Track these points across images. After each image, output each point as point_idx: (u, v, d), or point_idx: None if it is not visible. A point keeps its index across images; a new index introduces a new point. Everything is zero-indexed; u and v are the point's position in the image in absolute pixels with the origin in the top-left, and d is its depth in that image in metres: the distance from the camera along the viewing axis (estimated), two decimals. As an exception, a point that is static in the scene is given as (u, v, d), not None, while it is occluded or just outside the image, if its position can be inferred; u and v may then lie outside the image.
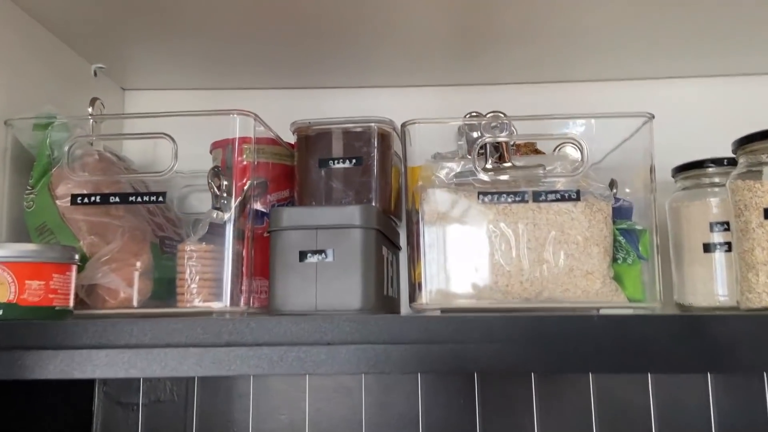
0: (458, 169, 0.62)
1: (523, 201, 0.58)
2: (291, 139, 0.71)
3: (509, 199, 0.58)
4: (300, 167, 0.68)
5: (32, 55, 0.69)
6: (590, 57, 0.82)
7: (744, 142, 0.59)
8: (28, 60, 0.68)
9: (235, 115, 0.58)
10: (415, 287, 0.60)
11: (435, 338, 0.45)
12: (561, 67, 0.85)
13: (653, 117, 0.60)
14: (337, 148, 0.67)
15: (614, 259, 0.60)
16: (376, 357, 0.44)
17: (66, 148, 0.57)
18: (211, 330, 0.46)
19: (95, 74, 0.80)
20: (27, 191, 0.62)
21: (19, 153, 0.64)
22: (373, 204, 0.67)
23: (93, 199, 0.57)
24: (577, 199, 0.58)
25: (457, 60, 0.82)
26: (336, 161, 0.67)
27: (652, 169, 0.61)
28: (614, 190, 0.65)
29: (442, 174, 0.62)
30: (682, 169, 0.73)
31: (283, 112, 0.72)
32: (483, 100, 0.72)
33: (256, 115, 0.59)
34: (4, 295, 0.49)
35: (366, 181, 0.67)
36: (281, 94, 0.88)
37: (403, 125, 0.62)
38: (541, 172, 0.59)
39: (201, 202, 0.69)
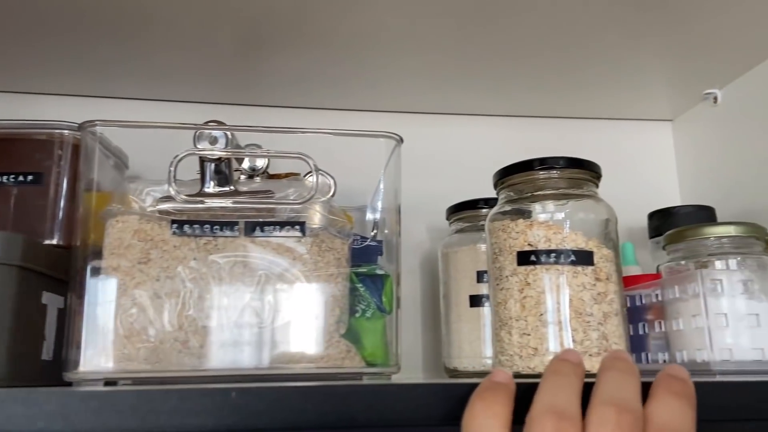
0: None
1: (231, 234, 0.45)
2: None
3: (213, 231, 0.45)
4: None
5: None
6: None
7: (503, 175, 0.50)
8: None
9: None
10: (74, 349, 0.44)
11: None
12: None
13: (402, 141, 0.50)
14: (6, 160, 0.50)
15: (352, 312, 0.48)
16: None
17: None
18: None
19: None
20: None
21: None
22: (55, 237, 0.50)
23: None
24: (302, 233, 0.46)
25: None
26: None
27: (398, 209, 0.51)
28: (374, 231, 0.54)
29: (149, 200, 0.47)
30: (455, 210, 0.63)
31: None
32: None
33: None
34: None
35: (42, 206, 0.50)
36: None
37: (82, 127, 0.46)
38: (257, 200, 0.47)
39: None
